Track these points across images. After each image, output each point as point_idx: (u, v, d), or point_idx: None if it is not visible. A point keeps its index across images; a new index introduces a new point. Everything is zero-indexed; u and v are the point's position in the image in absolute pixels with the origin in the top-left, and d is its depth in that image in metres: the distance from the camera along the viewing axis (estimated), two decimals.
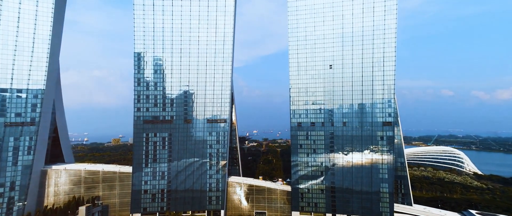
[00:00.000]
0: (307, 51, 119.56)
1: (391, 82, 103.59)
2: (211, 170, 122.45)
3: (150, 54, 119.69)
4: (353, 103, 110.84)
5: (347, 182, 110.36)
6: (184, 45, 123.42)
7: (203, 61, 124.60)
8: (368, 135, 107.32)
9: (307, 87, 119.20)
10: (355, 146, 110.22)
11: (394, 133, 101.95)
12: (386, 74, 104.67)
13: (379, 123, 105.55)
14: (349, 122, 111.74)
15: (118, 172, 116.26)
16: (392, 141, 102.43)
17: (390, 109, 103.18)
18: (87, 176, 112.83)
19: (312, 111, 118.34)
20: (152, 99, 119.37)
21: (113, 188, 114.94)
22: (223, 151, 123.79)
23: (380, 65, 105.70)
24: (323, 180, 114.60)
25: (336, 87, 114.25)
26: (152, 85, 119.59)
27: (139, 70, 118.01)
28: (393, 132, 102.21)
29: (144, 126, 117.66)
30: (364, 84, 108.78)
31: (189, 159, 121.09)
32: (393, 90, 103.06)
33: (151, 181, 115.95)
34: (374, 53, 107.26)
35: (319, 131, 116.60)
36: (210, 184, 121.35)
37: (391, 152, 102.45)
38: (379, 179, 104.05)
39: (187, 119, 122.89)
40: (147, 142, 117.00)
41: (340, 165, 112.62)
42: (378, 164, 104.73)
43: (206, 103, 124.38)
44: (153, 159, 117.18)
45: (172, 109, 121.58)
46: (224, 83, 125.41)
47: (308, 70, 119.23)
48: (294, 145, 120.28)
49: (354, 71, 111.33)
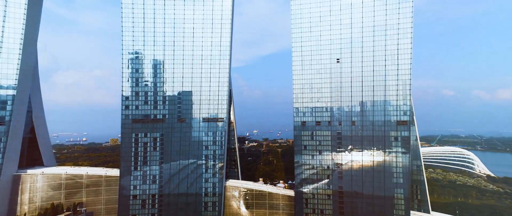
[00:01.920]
0: (312, 44, 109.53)
1: (406, 77, 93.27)
2: (207, 173, 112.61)
3: (139, 47, 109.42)
4: (363, 100, 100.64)
5: (356, 186, 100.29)
6: (177, 38, 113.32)
7: (198, 55, 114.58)
8: (380, 135, 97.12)
9: (312, 83, 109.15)
10: (365, 147, 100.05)
11: (410, 133, 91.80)
12: (400, 68, 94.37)
13: (393, 122, 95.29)
14: (359, 121, 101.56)
15: (104, 175, 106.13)
16: (408, 142, 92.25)
17: (405, 107, 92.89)
18: (69, 181, 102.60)
19: (317, 108, 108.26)
20: (142, 96, 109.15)
21: (99, 194, 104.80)
22: (220, 152, 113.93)
23: (394, 58, 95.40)
24: (329, 184, 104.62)
25: (344, 83, 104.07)
26: (142, 81, 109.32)
27: (128, 65, 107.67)
28: (408, 131, 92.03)
29: (133, 126, 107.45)
30: (376, 80, 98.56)
31: (183, 161, 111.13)
32: (408, 86, 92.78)
33: (141, 186, 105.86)
34: (387, 45, 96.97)
35: (325, 131, 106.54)
36: (206, 188, 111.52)
37: (407, 154, 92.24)
38: (393, 183, 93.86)
39: (181, 118, 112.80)
40: (137, 143, 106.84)
41: (349, 168, 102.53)
42: (391, 167, 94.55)
43: (201, 101, 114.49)
44: (143, 161, 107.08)
45: (164, 107, 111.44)
46: (221, 79, 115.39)
47: (313, 64, 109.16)
48: (297, 145, 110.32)
49: (364, 65, 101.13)
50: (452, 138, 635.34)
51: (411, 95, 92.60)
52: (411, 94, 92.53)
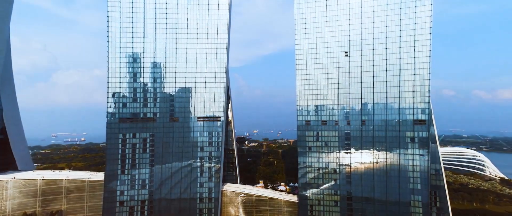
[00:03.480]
0: (317, 36, 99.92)
1: (424, 72, 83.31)
2: (203, 177, 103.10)
3: (128, 39, 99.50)
4: (375, 97, 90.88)
5: (367, 192, 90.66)
6: (170, 30, 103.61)
7: (193, 48, 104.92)
8: (394, 136, 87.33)
9: (317, 79, 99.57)
10: (377, 149, 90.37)
11: (428, 134, 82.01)
12: (418, 61, 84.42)
13: (409, 121, 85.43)
14: (370, 120, 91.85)
15: (87, 180, 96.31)
16: (427, 144, 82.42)
17: (423, 104, 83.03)
18: (46, 187, 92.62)
19: (323, 107, 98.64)
20: (130, 93, 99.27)
21: (82, 200, 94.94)
22: (216, 154, 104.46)
23: (410, 50, 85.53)
24: (337, 189, 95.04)
25: (354, 79, 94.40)
26: (130, 77, 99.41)
27: (114, 58, 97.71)
28: (427, 132, 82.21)
29: (120, 125, 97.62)
30: (389, 74, 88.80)
31: (176, 164, 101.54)
32: (427, 81, 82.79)
33: (128, 191, 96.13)
34: (402, 36, 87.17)
35: (332, 131, 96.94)
36: (201, 193, 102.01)
37: (425, 156, 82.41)
38: (409, 189, 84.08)
39: (173, 117, 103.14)
40: (124, 144, 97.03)
41: (358, 172, 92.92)
42: (407, 172, 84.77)
43: (196, 99, 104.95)
44: (132, 164, 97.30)
45: (155, 105, 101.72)
46: (218, 74, 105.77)
47: (319, 58, 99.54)
48: (301, 146, 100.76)
49: (376, 59, 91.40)
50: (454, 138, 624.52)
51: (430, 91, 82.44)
52: (430, 91, 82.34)
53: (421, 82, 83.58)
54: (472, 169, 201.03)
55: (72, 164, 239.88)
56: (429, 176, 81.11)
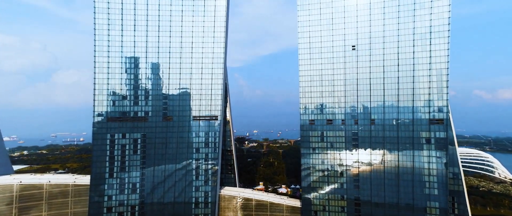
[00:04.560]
0: (322, 28, 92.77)
1: (442, 66, 75.73)
2: (198, 181, 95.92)
3: (116, 31, 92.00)
4: (386, 94, 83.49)
5: (377, 197, 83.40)
6: (163, 22, 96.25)
7: (188, 42, 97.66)
8: (408, 136, 79.90)
9: (322, 74, 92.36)
10: (388, 151, 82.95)
11: (447, 134, 74.53)
12: (435, 54, 76.88)
13: (424, 121, 77.93)
14: (380, 119, 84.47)
15: (72, 184, 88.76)
16: (444, 145, 74.93)
17: (441, 102, 75.51)
18: (24, 192, 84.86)
19: (328, 105, 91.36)
20: (119, 90, 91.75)
21: (65, 207, 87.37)
22: (213, 156, 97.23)
23: (426, 43, 77.98)
24: (344, 194, 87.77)
25: (362, 75, 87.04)
26: (119, 73, 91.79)
27: (101, 53, 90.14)
28: (445, 132, 74.73)
29: (109, 125, 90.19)
30: (402, 70, 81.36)
31: (169, 167, 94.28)
32: (445, 77, 75.20)
33: (117, 196, 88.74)
34: (416, 27, 79.68)
35: (338, 131, 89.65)
36: (197, 198, 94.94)
37: (444, 159, 74.86)
38: (424, 195, 76.58)
39: (167, 116, 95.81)
40: (113, 145, 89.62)
41: (367, 175, 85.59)
42: (422, 175, 77.32)
43: (192, 96, 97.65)
44: (121, 167, 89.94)
45: (147, 103, 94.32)
46: (215, 70, 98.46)
47: (324, 52, 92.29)
48: (305, 147, 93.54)
49: (386, 52, 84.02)
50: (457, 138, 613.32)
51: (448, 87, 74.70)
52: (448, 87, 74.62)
53: (438, 77, 76.02)
54: (480, 170, 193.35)
55: (66, 165, 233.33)
56: (447, 180, 73.67)
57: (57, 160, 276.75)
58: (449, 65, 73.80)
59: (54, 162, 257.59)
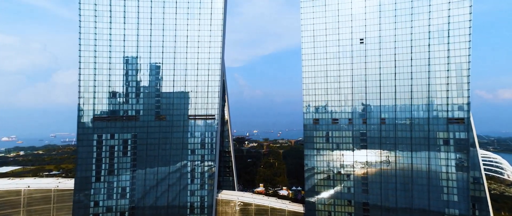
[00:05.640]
0: (327, 21, 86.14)
1: (463, 60, 68.27)
2: (194, 184, 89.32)
3: (104, 23, 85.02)
4: (398, 91, 76.53)
5: (387, 202, 76.67)
6: (156, 14, 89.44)
7: (183, 35, 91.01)
8: (422, 137, 72.97)
9: (327, 70, 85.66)
10: (400, 153, 75.99)
11: (468, 135, 67.52)
12: (454, 47, 69.52)
13: (441, 120, 70.87)
14: (391, 119, 77.58)
15: (54, 189, 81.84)
16: (465, 147, 67.84)
17: (461, 99, 68.42)
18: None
19: (334, 103, 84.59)
20: (107, 87, 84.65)
21: (47, 213, 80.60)
22: (210, 158, 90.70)
23: (443, 35, 70.76)
24: (351, 199, 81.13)
25: (371, 70, 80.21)
26: (107, 68, 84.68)
27: (87, 47, 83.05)
28: (466, 132, 67.69)
29: (95, 124, 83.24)
30: (415, 64, 74.40)
31: (162, 170, 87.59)
32: (466, 72, 67.84)
33: (105, 201, 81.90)
34: (433, 18, 72.61)
35: (344, 131, 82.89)
36: (192, 203, 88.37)
37: (464, 162, 67.74)
38: (442, 201, 69.59)
39: (160, 115, 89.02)
40: (100, 147, 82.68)
41: (377, 179, 78.88)
42: (439, 180, 70.34)
43: (187, 94, 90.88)
44: (109, 170, 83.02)
45: (138, 101, 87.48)
46: (211, 66, 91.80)
47: (329, 46, 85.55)
48: (308, 148, 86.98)
49: (398, 46, 77.10)
50: None
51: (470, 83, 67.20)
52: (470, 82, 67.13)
53: (457, 72, 68.78)
54: (489, 172, 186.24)
55: (61, 165, 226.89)
56: (469, 185, 66.70)
57: (52, 160, 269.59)
58: (471, 58, 66.65)
59: (49, 163, 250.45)
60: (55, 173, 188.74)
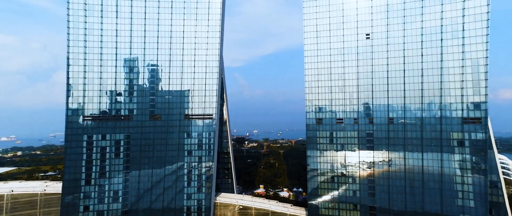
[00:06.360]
0: (331, 15, 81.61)
1: (480, 55, 63.26)
2: (191, 187, 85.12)
3: (95, 18, 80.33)
4: (407, 89, 71.97)
5: (396, 206, 72.24)
6: (150, 8, 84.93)
7: (179, 31, 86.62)
8: (434, 138, 68.39)
9: (331, 67, 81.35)
10: (410, 154, 71.46)
11: (485, 136, 62.91)
12: (469, 41, 64.55)
13: (455, 120, 66.21)
14: (399, 118, 73.05)
15: (41, 193, 77.19)
16: (483, 148, 63.12)
17: (477, 97, 63.72)
18: None
19: (338, 102, 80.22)
20: (98, 85, 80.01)
21: None
22: (208, 159, 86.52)
23: (457, 28, 66.02)
24: (357, 203, 76.76)
25: (378, 67, 75.74)
26: (97, 65, 80.00)
27: (76, 42, 78.30)
28: (484, 133, 62.99)
29: (86, 124, 78.64)
30: (427, 60, 69.79)
31: (157, 172, 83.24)
32: (483, 67, 63.07)
33: (96, 205, 77.41)
34: (445, 10, 67.82)
35: (350, 131, 78.52)
36: (189, 207, 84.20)
37: (482, 165, 63.02)
38: (457, 206, 64.92)
39: (154, 114, 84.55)
40: (90, 148, 78.11)
41: (384, 182, 74.53)
42: (453, 183, 65.71)
43: (183, 92, 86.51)
44: (100, 172, 78.49)
45: (132, 100, 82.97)
46: (209, 63, 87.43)
47: (333, 42, 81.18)
48: (311, 149, 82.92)
49: (407, 41, 72.61)
50: None
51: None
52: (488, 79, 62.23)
53: (473, 68, 64.02)
54: None
55: (58, 166, 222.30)
56: (487, 190, 62.16)
57: (49, 161, 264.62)
58: (489, 53, 61.89)
59: (46, 163, 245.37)
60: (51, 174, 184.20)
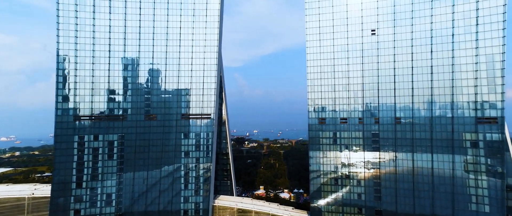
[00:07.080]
0: (334, 9, 78.31)
1: (495, 50, 59.27)
2: (188, 190, 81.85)
3: (87, 13, 76.63)
4: (415, 87, 68.41)
5: (404, 210, 68.83)
6: (146, 3, 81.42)
7: (176, 27, 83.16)
8: (444, 138, 64.77)
9: (335, 65, 77.88)
10: (418, 155, 67.83)
11: (502, 137, 59.11)
12: (484, 36, 60.74)
13: (468, 119, 62.55)
14: (407, 118, 69.47)
15: (29, 197, 73.43)
16: (499, 150, 59.29)
17: (493, 95, 59.96)
18: None
19: (342, 101, 76.73)
20: (89, 83, 76.25)
21: None
22: (206, 160, 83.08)
23: (470, 22, 62.17)
24: (362, 207, 73.26)
25: (384, 65, 72.27)
26: (89, 62, 76.18)
27: (67, 38, 74.49)
28: (500, 134, 59.18)
29: (77, 124, 74.93)
30: (437, 57, 66.21)
31: (153, 174, 79.73)
32: (500, 64, 58.82)
33: (87, 209, 73.74)
34: (457, 4, 64.10)
35: (354, 131, 75.05)
36: (186, 211, 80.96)
37: (498, 168, 59.30)
38: (470, 212, 61.25)
39: (150, 114, 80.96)
40: (82, 149, 74.41)
41: (391, 185, 71.15)
42: (466, 187, 62.08)
43: (180, 91, 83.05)
44: (92, 174, 74.84)
45: (126, 99, 79.35)
46: (207, 61, 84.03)
47: (337, 39, 77.64)
48: (313, 150, 79.72)
49: (415, 37, 69.11)
50: None
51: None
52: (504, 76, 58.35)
53: (488, 65, 60.28)
54: None
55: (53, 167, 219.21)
56: (505, 195, 58.56)
57: (47, 161, 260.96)
58: (505, 48, 58.07)
59: (43, 164, 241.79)
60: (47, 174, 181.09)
